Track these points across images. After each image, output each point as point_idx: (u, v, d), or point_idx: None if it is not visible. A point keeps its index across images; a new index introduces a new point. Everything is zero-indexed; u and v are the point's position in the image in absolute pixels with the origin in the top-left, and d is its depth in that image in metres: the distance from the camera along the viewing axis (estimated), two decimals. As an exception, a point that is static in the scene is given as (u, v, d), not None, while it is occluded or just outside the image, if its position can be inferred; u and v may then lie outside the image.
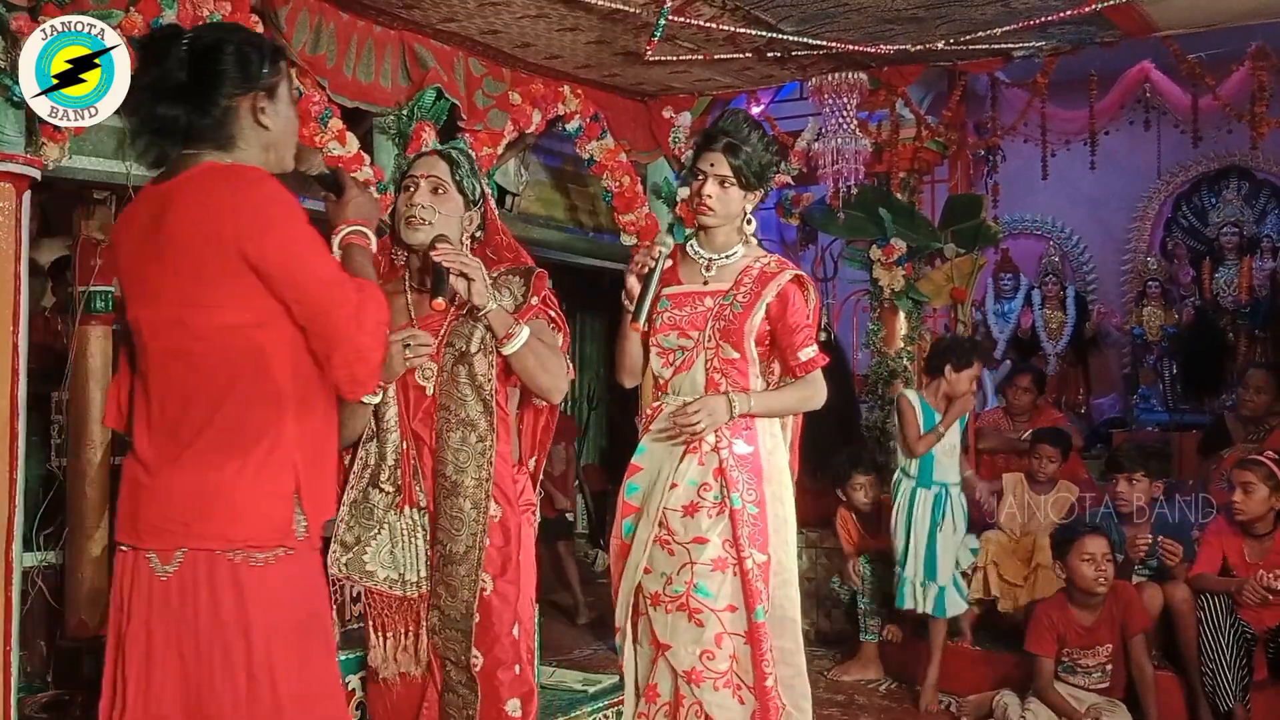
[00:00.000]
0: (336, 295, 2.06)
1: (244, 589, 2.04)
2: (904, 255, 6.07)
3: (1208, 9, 4.38)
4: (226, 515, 2.04)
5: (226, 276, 2.02)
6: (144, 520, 2.08)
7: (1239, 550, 4.47)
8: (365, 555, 2.71)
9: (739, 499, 2.96)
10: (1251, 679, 4.28)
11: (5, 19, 3.01)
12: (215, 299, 2.03)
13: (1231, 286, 8.26)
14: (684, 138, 5.59)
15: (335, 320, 2.05)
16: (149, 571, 2.07)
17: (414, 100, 4.22)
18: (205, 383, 2.06)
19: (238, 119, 2.11)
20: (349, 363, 2.08)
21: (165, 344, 2.09)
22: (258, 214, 2.02)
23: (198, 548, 2.04)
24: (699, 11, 4.15)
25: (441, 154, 2.83)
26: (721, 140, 2.97)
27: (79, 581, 4.29)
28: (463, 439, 2.67)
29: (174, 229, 2.04)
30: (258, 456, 2.06)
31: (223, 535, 2.04)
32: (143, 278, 2.12)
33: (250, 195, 2.02)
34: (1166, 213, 8.93)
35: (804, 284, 3.08)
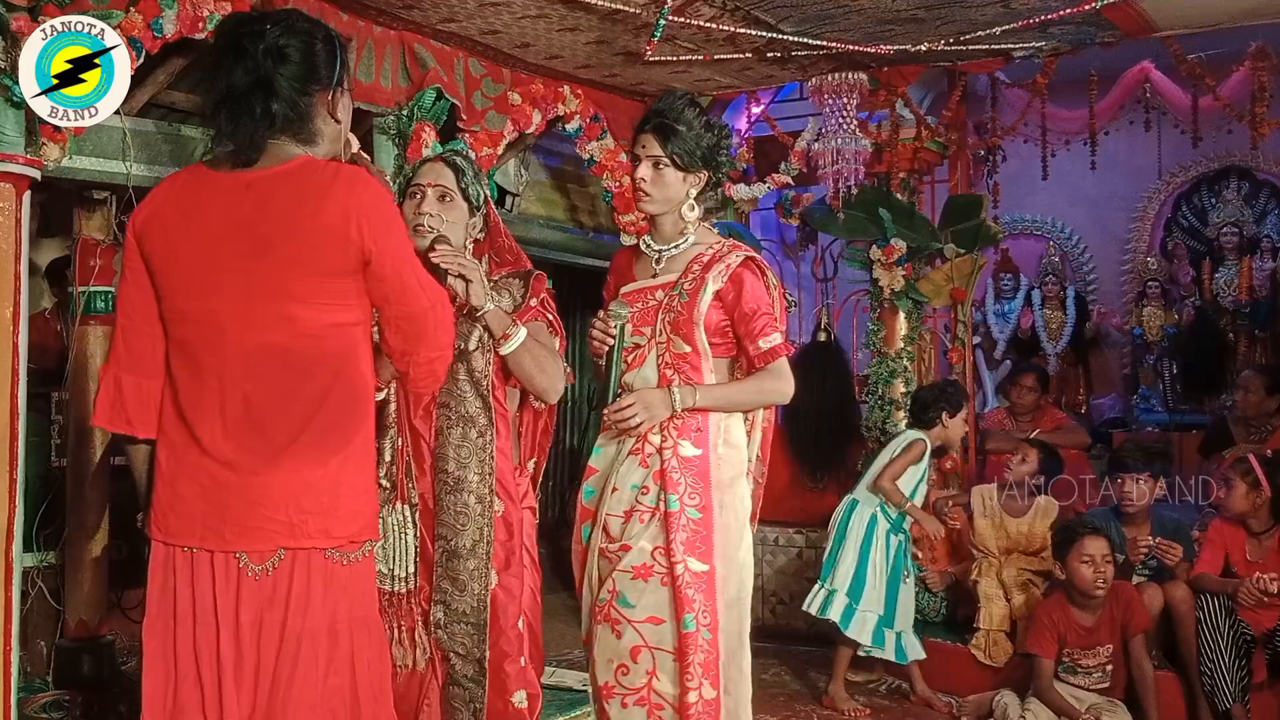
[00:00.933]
0: (431, 297, 2.14)
1: (332, 585, 2.07)
2: (904, 255, 6.07)
3: (1208, 9, 4.38)
4: (331, 512, 2.06)
5: (346, 275, 2.05)
6: (233, 521, 2.03)
7: (1241, 549, 4.48)
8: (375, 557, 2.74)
9: (676, 501, 2.75)
10: (1250, 679, 4.28)
11: (5, 19, 3.01)
12: (331, 296, 2.05)
13: (1231, 286, 8.25)
14: (684, 138, 5.58)
15: (427, 321, 2.13)
16: (237, 571, 2.04)
17: (414, 100, 4.22)
18: (305, 380, 2.06)
19: (318, 113, 2.15)
20: (431, 360, 2.16)
21: (260, 340, 2.04)
22: (378, 214, 2.06)
23: (299, 546, 2.04)
24: (699, 11, 4.15)
25: (447, 161, 2.85)
26: (653, 120, 2.79)
27: (79, 581, 4.30)
28: (463, 435, 2.71)
29: (283, 222, 2.03)
30: (354, 453, 2.11)
31: (326, 532, 2.06)
32: (226, 269, 2.05)
33: (370, 196, 2.06)
34: (1166, 213, 8.93)
35: (758, 266, 2.86)
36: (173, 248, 2.10)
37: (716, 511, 2.80)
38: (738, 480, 2.86)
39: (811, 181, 6.12)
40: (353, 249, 2.03)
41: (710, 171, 2.87)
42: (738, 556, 2.82)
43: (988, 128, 7.11)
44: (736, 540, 2.82)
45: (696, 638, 2.74)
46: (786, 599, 6.08)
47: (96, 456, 4.33)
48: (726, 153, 2.93)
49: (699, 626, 2.74)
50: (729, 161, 3.02)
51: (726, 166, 2.96)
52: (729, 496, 2.82)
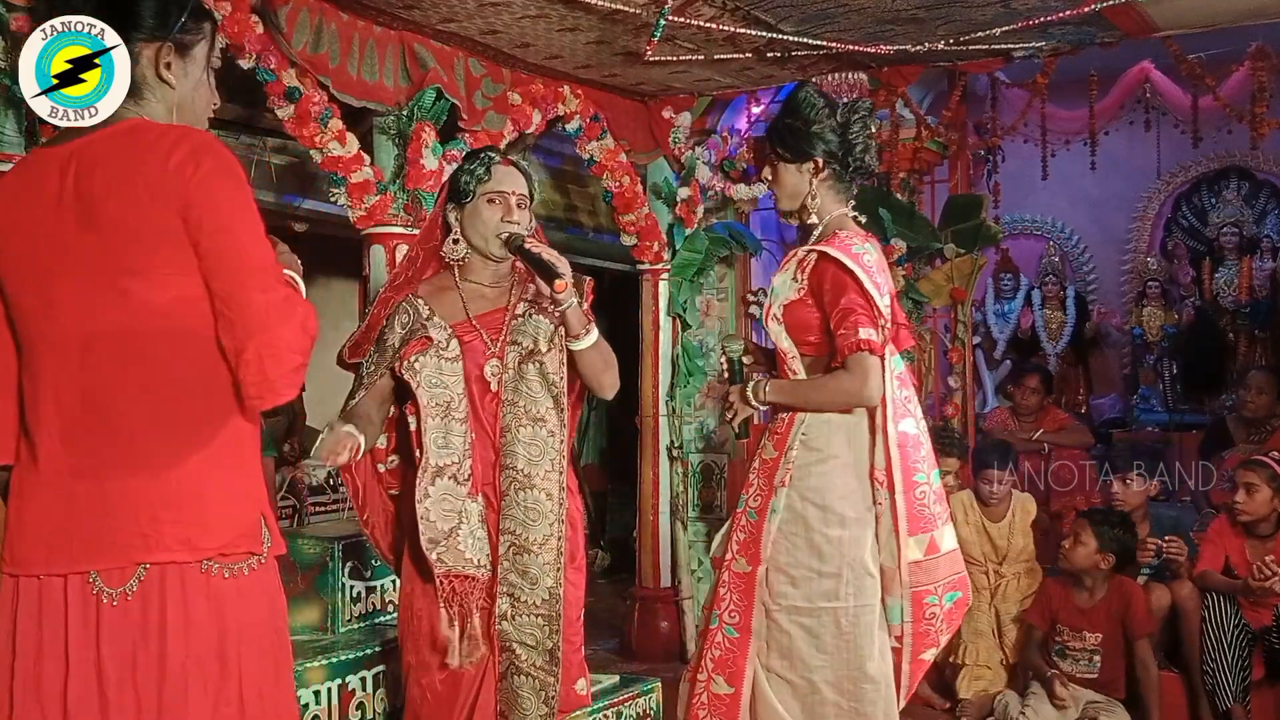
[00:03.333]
0: (263, 281, 1.76)
1: (216, 602, 1.76)
2: (904, 255, 6.07)
3: (1208, 9, 4.38)
4: (194, 519, 1.76)
5: (167, 243, 1.74)
6: (81, 538, 1.73)
7: (1241, 551, 4.47)
8: (459, 543, 2.74)
9: (743, 502, 2.85)
10: (1251, 678, 4.28)
11: (5, 19, 3.01)
12: (172, 267, 1.74)
13: (1231, 286, 8.26)
14: (684, 138, 5.59)
15: (255, 307, 1.74)
16: (95, 597, 1.72)
17: (414, 100, 4.22)
18: (150, 365, 1.76)
19: (139, 68, 1.91)
20: (261, 358, 1.73)
21: (96, 324, 1.77)
22: (197, 171, 1.75)
23: (162, 561, 1.73)
24: (699, 11, 4.15)
25: (520, 169, 2.90)
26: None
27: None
28: (533, 434, 2.75)
29: (106, 187, 1.77)
30: (220, 451, 1.80)
31: (190, 543, 1.75)
32: (56, 249, 1.79)
33: (198, 147, 1.77)
34: (1166, 213, 8.93)
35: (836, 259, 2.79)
36: (6, 238, 1.85)
37: (772, 516, 2.78)
38: (824, 491, 2.76)
39: (811, 181, 6.11)
40: (174, 206, 1.73)
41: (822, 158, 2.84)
42: (810, 564, 2.75)
43: (988, 128, 7.11)
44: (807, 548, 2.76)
45: (717, 634, 2.84)
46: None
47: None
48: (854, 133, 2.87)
49: (722, 624, 2.84)
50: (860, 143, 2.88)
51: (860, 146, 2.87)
52: (803, 505, 2.76)
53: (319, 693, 3.16)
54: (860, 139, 2.86)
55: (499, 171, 2.85)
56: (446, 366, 2.74)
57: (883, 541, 2.78)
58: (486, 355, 2.78)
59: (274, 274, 1.79)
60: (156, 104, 1.92)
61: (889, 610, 2.81)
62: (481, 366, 2.77)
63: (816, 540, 2.75)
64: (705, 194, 5.77)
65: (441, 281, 2.90)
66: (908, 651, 2.83)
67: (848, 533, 2.75)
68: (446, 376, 2.73)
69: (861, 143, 2.86)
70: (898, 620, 2.80)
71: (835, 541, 2.74)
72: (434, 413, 2.71)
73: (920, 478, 2.79)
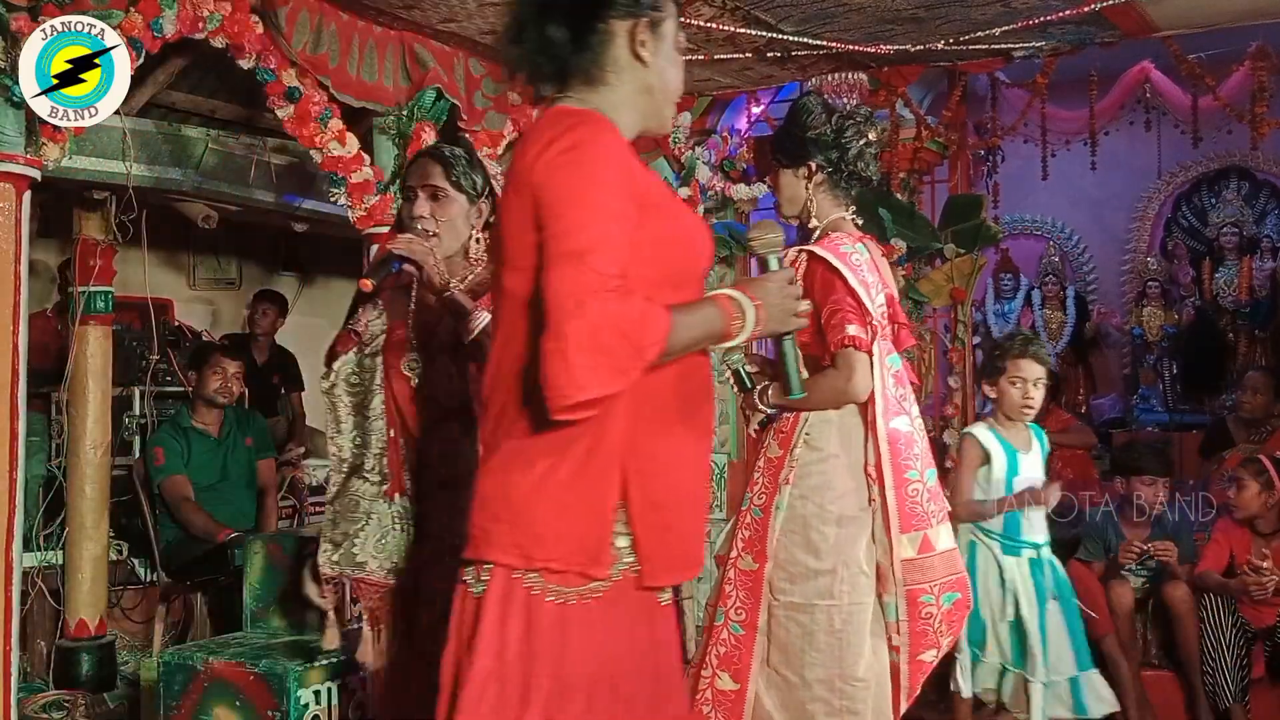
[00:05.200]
0: (568, 269, 1.57)
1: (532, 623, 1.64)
2: (904, 255, 6.06)
3: (1208, 9, 4.38)
4: (526, 527, 1.66)
5: (529, 235, 1.64)
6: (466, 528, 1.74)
7: (1245, 548, 4.48)
8: (355, 548, 2.63)
9: (748, 500, 2.87)
10: (1251, 678, 4.29)
11: (5, 19, 3.01)
12: (522, 259, 1.66)
13: (1231, 286, 8.26)
14: (684, 138, 5.59)
15: (552, 296, 1.57)
16: (464, 587, 1.72)
17: (414, 100, 4.23)
18: (515, 365, 1.69)
19: (610, 49, 1.75)
20: (546, 354, 1.55)
21: (496, 315, 1.78)
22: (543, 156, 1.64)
23: (499, 562, 1.66)
24: (699, 11, 4.15)
25: (434, 156, 2.73)
26: None
27: (79, 581, 4.30)
28: (447, 429, 2.62)
29: (506, 180, 1.76)
30: (573, 457, 1.65)
31: (520, 550, 1.65)
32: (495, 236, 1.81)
33: (550, 139, 1.64)
34: (1166, 213, 8.93)
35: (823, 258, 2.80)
36: None
37: (776, 514, 2.81)
38: (821, 490, 2.78)
39: (811, 181, 6.11)
40: (528, 196, 1.64)
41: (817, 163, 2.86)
42: (807, 562, 2.77)
43: (988, 128, 7.11)
44: (805, 546, 2.77)
45: (722, 631, 2.87)
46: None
47: (96, 457, 4.33)
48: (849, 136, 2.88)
49: (727, 621, 2.86)
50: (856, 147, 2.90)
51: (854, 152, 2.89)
52: (803, 504, 2.78)
53: (319, 692, 3.16)
54: (854, 144, 2.90)
55: (414, 166, 2.75)
56: (366, 362, 2.65)
57: (877, 539, 2.81)
58: (408, 349, 2.65)
59: (592, 262, 1.56)
60: (623, 86, 1.78)
61: (885, 608, 2.82)
62: (400, 361, 2.65)
63: (813, 538, 2.77)
64: (705, 194, 5.77)
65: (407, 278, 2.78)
66: (905, 652, 2.83)
67: (843, 531, 2.77)
68: (365, 373, 2.65)
69: (856, 148, 2.90)
70: (894, 618, 2.81)
71: (831, 539, 2.76)
72: (348, 412, 2.66)
73: (913, 475, 2.81)
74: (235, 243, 6.37)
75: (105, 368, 4.37)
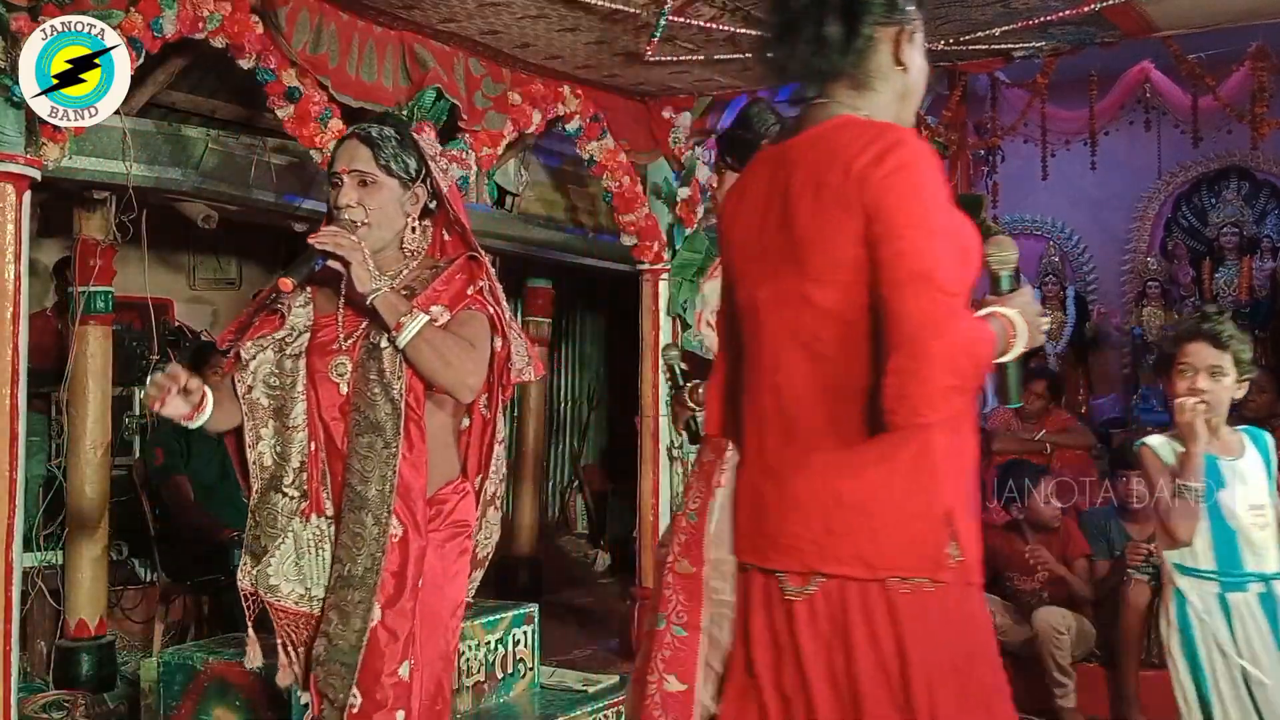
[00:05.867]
0: (922, 288, 1.61)
1: (900, 619, 1.70)
2: (904, 255, 6.07)
3: (1208, 9, 4.38)
4: (867, 536, 1.70)
5: (848, 250, 1.67)
6: (768, 536, 1.80)
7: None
8: (269, 568, 2.39)
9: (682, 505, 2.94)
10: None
11: (5, 19, 3.01)
12: (837, 273, 1.69)
13: (1231, 286, 8.26)
14: (684, 138, 5.59)
15: (908, 315, 1.61)
16: (779, 593, 1.78)
17: (414, 100, 4.22)
18: (829, 376, 1.73)
19: (876, 54, 1.80)
20: (901, 371, 1.60)
21: (785, 326, 1.77)
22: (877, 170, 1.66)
23: (837, 574, 1.72)
24: (699, 11, 4.15)
25: (361, 139, 2.44)
26: None
27: (79, 581, 4.30)
28: (369, 445, 2.34)
29: (804, 190, 1.73)
30: (901, 467, 1.70)
31: (865, 560, 1.70)
32: (761, 251, 1.81)
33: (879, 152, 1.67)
34: (1166, 213, 8.93)
35: None
36: (726, 236, 1.93)
37: (711, 516, 2.84)
38: None
39: (811, 181, 6.11)
40: (856, 211, 1.66)
41: None
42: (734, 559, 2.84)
43: (988, 128, 7.11)
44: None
45: (665, 634, 2.86)
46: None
47: (96, 457, 4.33)
48: None
49: (670, 624, 2.86)
50: None
51: None
52: None
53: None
54: None
55: (339, 150, 2.47)
56: (287, 364, 2.40)
57: None
58: (334, 351, 2.40)
59: (939, 283, 1.62)
60: (885, 93, 1.83)
61: None
62: (327, 365, 2.40)
63: None
64: (705, 194, 5.76)
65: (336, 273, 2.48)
66: None
67: None
68: (285, 376, 2.40)
69: None
70: None
71: None
72: (267, 416, 2.41)
73: None
74: (235, 243, 6.37)
75: (105, 368, 4.37)
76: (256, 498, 2.41)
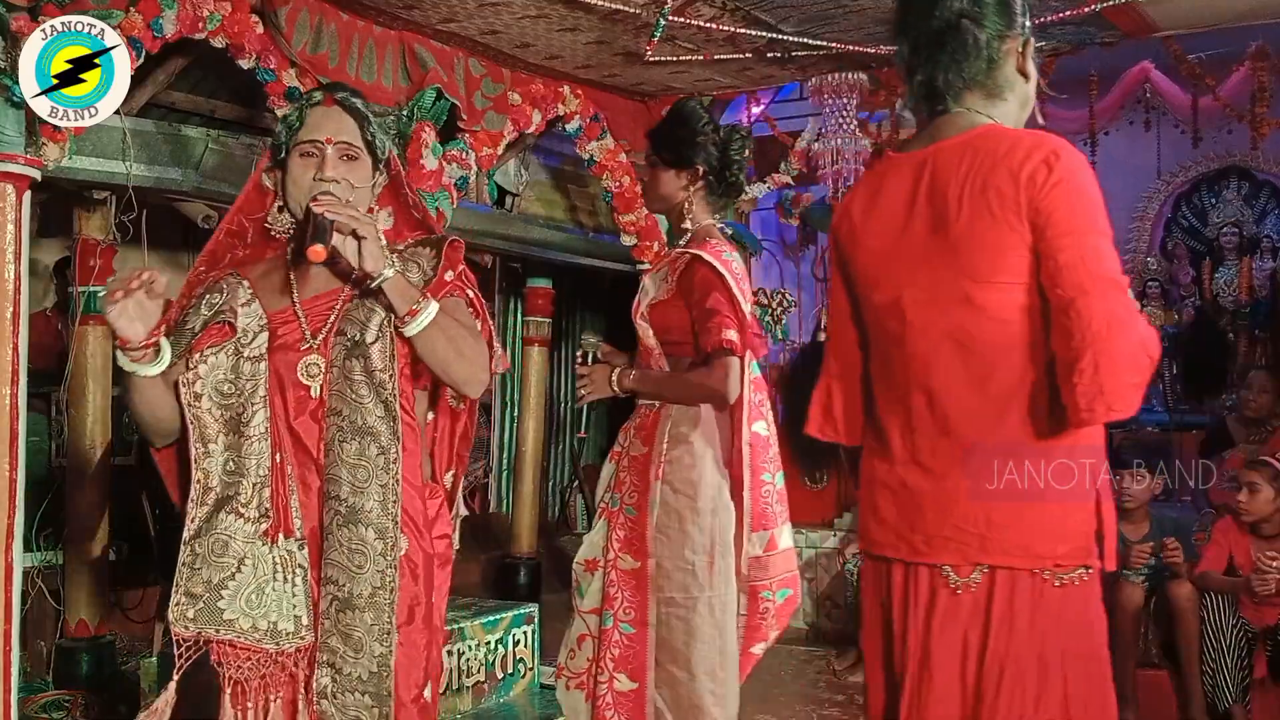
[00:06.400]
0: (1105, 289, 1.73)
1: (1045, 609, 1.82)
2: (904, 255, 6.07)
3: (1208, 9, 4.38)
4: (1030, 527, 1.82)
5: (1012, 252, 1.79)
6: (924, 530, 1.88)
7: (1245, 551, 4.46)
8: (220, 601, 2.05)
9: (617, 500, 2.97)
10: (1252, 678, 4.29)
11: (5, 19, 3.01)
12: (1014, 275, 1.80)
13: (1231, 286, 8.26)
14: (684, 138, 5.59)
15: (1095, 315, 1.72)
16: (931, 584, 1.88)
17: (414, 100, 4.22)
18: (988, 373, 1.83)
19: (1005, 65, 1.92)
20: (1097, 368, 1.70)
21: (939, 325, 1.86)
22: (1049, 178, 1.78)
23: (998, 564, 1.83)
24: (699, 11, 4.15)
25: (346, 107, 2.22)
26: None
27: (79, 582, 4.29)
28: (360, 452, 2.10)
29: (957, 194, 1.83)
30: (1059, 458, 1.82)
31: (1028, 550, 1.82)
32: (907, 254, 1.89)
33: (1044, 159, 1.79)
34: (1166, 213, 8.93)
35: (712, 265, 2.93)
36: (859, 240, 1.99)
37: (651, 510, 2.92)
38: (694, 483, 2.91)
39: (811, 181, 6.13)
40: (1024, 216, 1.77)
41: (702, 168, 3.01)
42: (684, 555, 2.90)
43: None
44: (681, 540, 2.90)
45: (613, 633, 2.92)
46: (786, 599, 6.08)
47: (96, 456, 4.33)
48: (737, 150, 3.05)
49: (617, 622, 2.91)
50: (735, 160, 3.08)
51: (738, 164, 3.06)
52: (675, 498, 2.91)
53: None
54: (738, 158, 3.05)
55: (315, 115, 2.21)
56: (245, 368, 2.10)
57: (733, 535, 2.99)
58: (303, 350, 2.14)
59: (1117, 285, 1.76)
60: (1012, 101, 1.95)
61: None
62: (295, 365, 2.13)
63: (690, 530, 2.90)
64: (705, 194, 5.76)
65: (271, 254, 2.26)
66: (740, 644, 3.00)
67: (716, 520, 2.92)
68: (244, 381, 2.10)
69: (739, 162, 3.05)
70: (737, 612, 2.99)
71: (706, 530, 2.91)
72: (218, 430, 2.10)
73: (766, 477, 3.00)
74: (235, 243, 6.36)
75: (105, 368, 4.37)
76: (197, 525, 2.08)
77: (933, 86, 1.92)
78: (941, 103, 1.92)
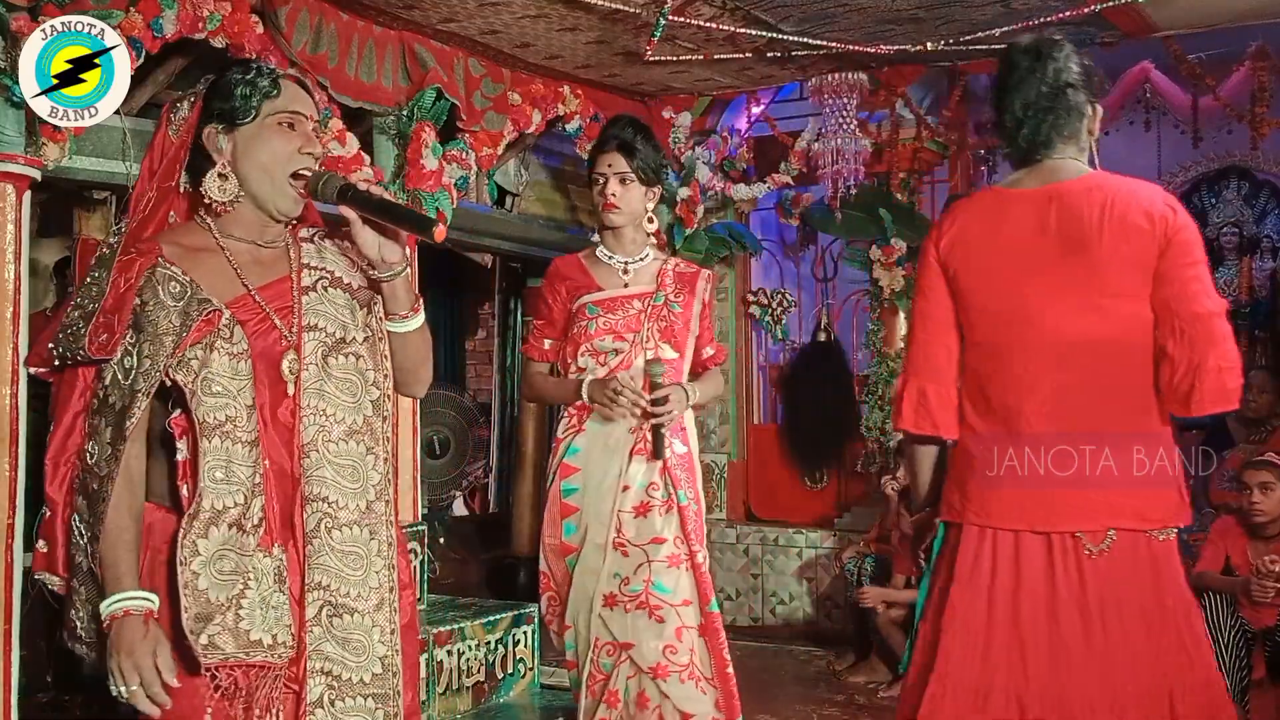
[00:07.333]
0: (1219, 308, 2.25)
1: (1157, 561, 2.28)
2: (904, 255, 6.07)
3: (1208, 9, 4.38)
4: (1143, 497, 2.27)
5: (1139, 271, 2.23)
6: (1060, 505, 2.26)
7: (1243, 551, 4.45)
8: (243, 622, 1.92)
9: (685, 496, 3.13)
10: (1251, 679, 4.28)
11: (5, 19, 3.01)
12: (1136, 287, 2.24)
13: (1231, 286, 8.24)
14: (684, 138, 5.59)
15: (1216, 328, 2.21)
16: (1075, 552, 2.25)
17: (414, 100, 4.23)
18: (1114, 371, 2.27)
19: (1088, 122, 2.37)
20: (1221, 369, 2.19)
21: (1073, 331, 2.26)
22: (1175, 220, 2.27)
23: (1124, 527, 2.25)
24: (699, 11, 4.16)
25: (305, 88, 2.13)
26: (613, 141, 3.19)
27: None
28: (350, 452, 2.02)
29: (1093, 224, 2.24)
30: (1165, 441, 2.29)
31: (1141, 515, 2.26)
32: (1038, 269, 2.28)
33: (1166, 203, 2.29)
34: (1166, 213, 8.93)
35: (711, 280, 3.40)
36: (979, 259, 2.34)
37: (700, 502, 3.23)
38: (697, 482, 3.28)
39: (811, 181, 6.11)
40: (1157, 244, 2.22)
41: (661, 186, 3.29)
42: None
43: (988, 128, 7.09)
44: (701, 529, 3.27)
45: (720, 617, 3.19)
46: (785, 599, 6.08)
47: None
48: (668, 169, 3.44)
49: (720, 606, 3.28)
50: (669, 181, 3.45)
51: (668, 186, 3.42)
52: (700, 489, 3.26)
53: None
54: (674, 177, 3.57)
55: (290, 88, 2.06)
56: (232, 365, 1.96)
57: None
58: (282, 345, 2.00)
59: (1223, 306, 2.26)
60: (1087, 152, 2.40)
61: None
62: (277, 362, 1.99)
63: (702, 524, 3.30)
64: (705, 194, 5.77)
65: (191, 238, 2.03)
66: None
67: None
68: (232, 380, 1.95)
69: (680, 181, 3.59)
70: None
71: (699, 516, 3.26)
72: (213, 432, 1.93)
73: None
74: (235, 243, 6.36)
75: (105, 368, 4.36)
76: (190, 544, 1.91)
77: (1039, 138, 2.31)
78: (1042, 151, 2.32)
